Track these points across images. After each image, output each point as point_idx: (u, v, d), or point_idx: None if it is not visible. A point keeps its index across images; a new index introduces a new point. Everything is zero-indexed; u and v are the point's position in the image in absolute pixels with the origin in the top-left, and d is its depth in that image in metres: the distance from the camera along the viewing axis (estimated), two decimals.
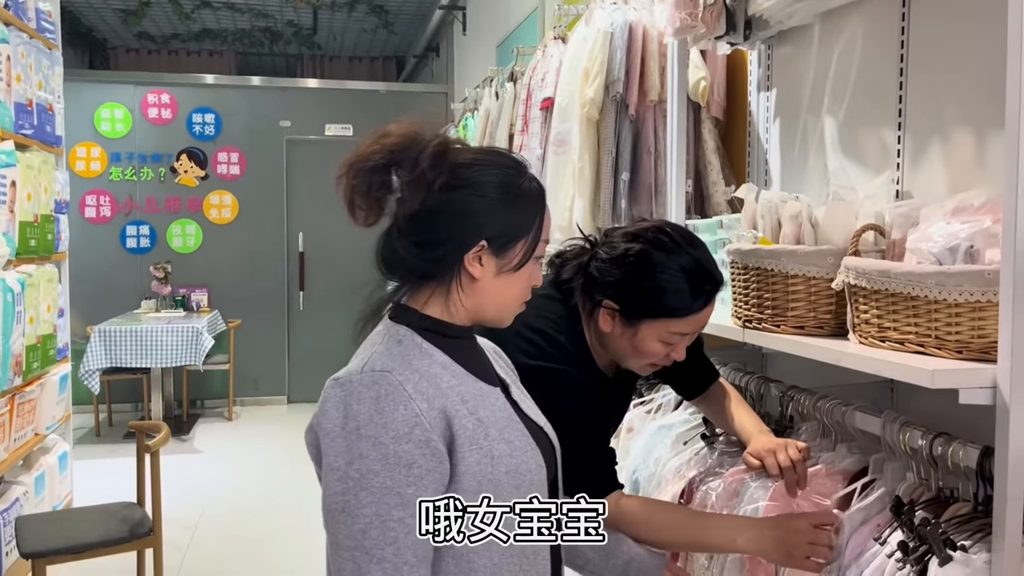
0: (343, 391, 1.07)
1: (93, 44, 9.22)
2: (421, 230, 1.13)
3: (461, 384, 1.14)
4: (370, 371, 1.08)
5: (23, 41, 3.61)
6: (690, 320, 1.48)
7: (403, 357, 1.11)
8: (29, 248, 3.63)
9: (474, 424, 1.11)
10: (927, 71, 1.70)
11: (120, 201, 7.00)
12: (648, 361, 1.53)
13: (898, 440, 1.40)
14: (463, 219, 1.14)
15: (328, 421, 1.07)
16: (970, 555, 1.20)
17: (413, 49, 9.13)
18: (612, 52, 2.40)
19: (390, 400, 1.05)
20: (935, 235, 1.38)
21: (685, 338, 1.50)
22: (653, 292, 1.46)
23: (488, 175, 1.16)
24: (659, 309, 1.46)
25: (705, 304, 1.48)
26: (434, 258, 1.15)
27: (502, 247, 1.16)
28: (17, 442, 3.56)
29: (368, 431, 1.04)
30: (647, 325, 1.47)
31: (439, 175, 1.12)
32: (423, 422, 1.05)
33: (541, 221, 1.20)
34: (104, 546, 2.73)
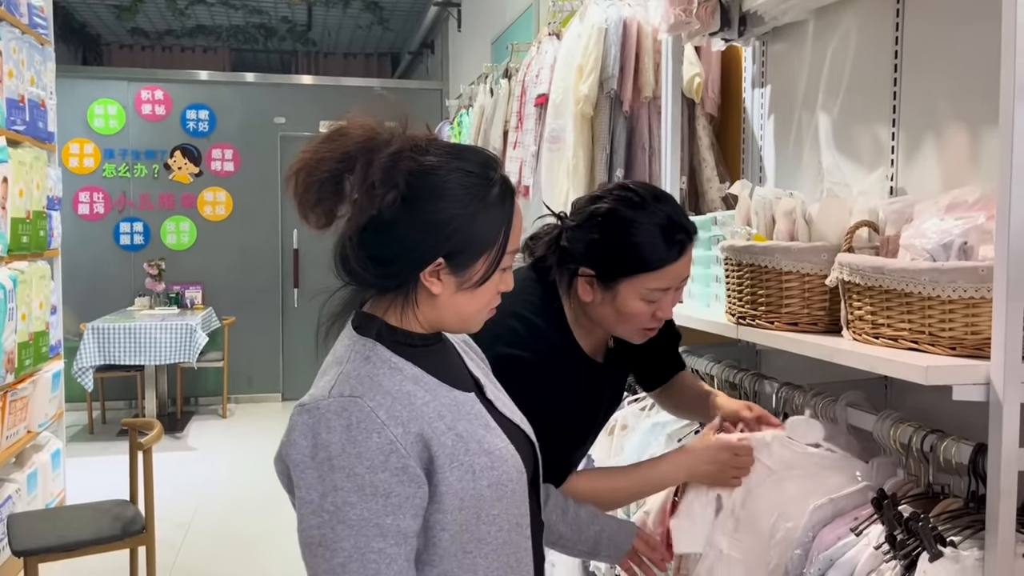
0: (311, 418, 1.01)
1: (87, 40, 9.18)
2: (372, 244, 1.06)
3: (435, 399, 1.08)
4: (338, 396, 1.02)
5: (15, 36, 3.59)
6: (666, 273, 1.44)
7: (372, 378, 1.05)
8: (21, 245, 3.62)
9: (453, 440, 1.05)
10: (921, 67, 1.70)
11: (113, 198, 6.97)
12: (636, 325, 1.48)
13: (888, 436, 1.40)
14: (417, 236, 1.05)
15: (297, 451, 1.01)
16: (960, 551, 1.20)
17: (408, 46, 9.11)
18: (607, 48, 2.40)
19: (362, 428, 1.00)
20: (929, 231, 1.37)
21: (667, 294, 1.46)
22: (625, 248, 1.43)
23: (449, 185, 1.06)
24: (633, 265, 1.43)
25: (679, 255, 1.44)
26: (387, 274, 1.08)
27: (461, 265, 1.08)
28: (9, 440, 3.54)
29: (341, 461, 0.99)
30: (625, 285, 1.44)
31: (390, 189, 1.03)
32: (399, 448, 1.00)
33: (508, 232, 1.11)
34: (96, 544, 2.72)
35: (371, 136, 1.06)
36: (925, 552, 1.20)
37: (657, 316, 1.47)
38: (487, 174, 1.10)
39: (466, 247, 1.07)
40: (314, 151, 1.06)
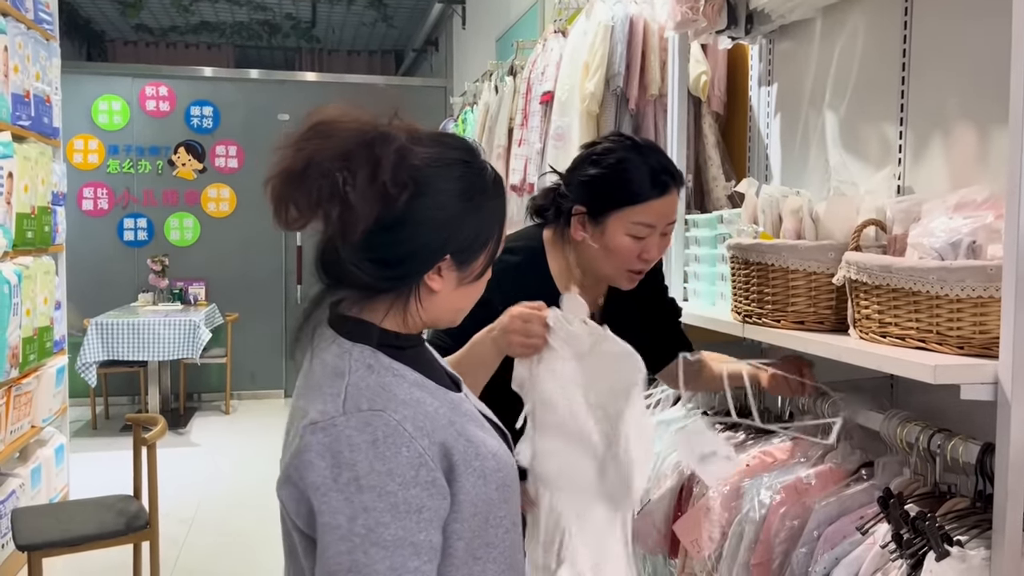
0: (327, 437, 0.94)
1: (91, 36, 9.19)
2: (378, 246, 0.99)
3: (441, 403, 1.04)
4: (357, 411, 0.95)
5: (20, 32, 3.59)
6: (651, 208, 1.55)
7: (384, 388, 0.99)
8: (26, 240, 3.62)
9: (464, 445, 1.02)
10: (930, 65, 1.69)
11: (118, 194, 6.98)
12: (622, 264, 1.59)
13: (895, 435, 1.39)
14: (427, 235, 1.01)
15: (315, 474, 0.94)
16: (967, 551, 1.19)
17: (412, 43, 9.11)
18: (613, 46, 2.39)
19: (390, 443, 0.94)
20: (937, 230, 1.37)
21: (653, 234, 1.57)
22: (615, 182, 1.56)
23: (449, 177, 1.02)
24: (621, 197, 1.55)
25: (662, 192, 1.56)
26: (392, 276, 1.02)
27: (465, 260, 1.05)
28: (13, 434, 3.55)
29: (370, 480, 0.92)
30: (613, 219, 1.56)
31: (403, 188, 0.97)
32: (427, 461, 0.96)
33: (504, 219, 1.09)
34: (100, 539, 2.73)
35: (370, 131, 0.99)
36: (932, 551, 1.20)
37: (643, 257, 1.58)
38: (479, 164, 1.07)
39: (471, 241, 1.05)
40: (296, 146, 0.98)
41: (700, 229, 2.20)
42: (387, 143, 0.98)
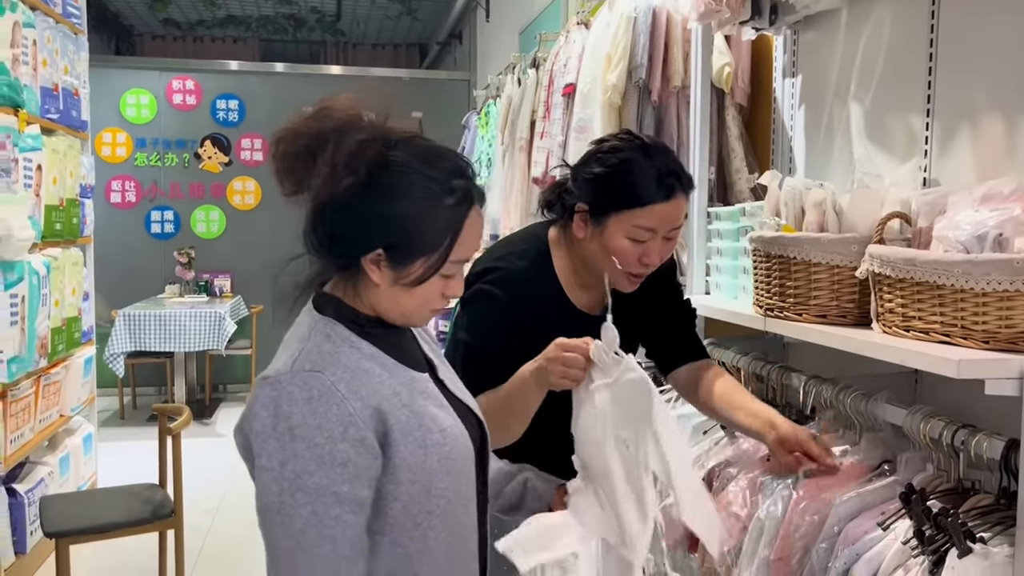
0: (273, 391, 1.06)
1: (120, 31, 9.29)
2: (325, 222, 1.11)
3: (392, 376, 1.13)
4: (300, 371, 1.07)
5: (49, 26, 3.63)
6: (654, 212, 1.50)
7: (332, 355, 1.09)
8: (54, 231, 3.67)
9: (407, 416, 1.10)
10: (957, 56, 1.67)
11: (145, 186, 7.05)
12: (622, 267, 1.53)
13: (918, 431, 1.38)
14: (363, 223, 1.10)
15: (259, 423, 1.05)
16: (990, 548, 1.18)
17: (436, 36, 9.11)
18: (635, 37, 2.37)
19: (323, 401, 1.04)
20: (963, 223, 1.35)
21: (654, 238, 1.52)
22: (618, 182, 1.52)
23: (404, 184, 1.10)
24: (623, 199, 1.51)
25: (667, 197, 1.51)
26: (334, 252, 1.14)
27: (399, 260, 1.11)
28: (42, 423, 3.60)
29: (302, 432, 1.03)
30: (613, 220, 1.52)
31: (349, 174, 1.08)
32: (357, 421, 1.05)
33: (452, 243, 1.13)
34: (126, 527, 2.77)
35: (349, 120, 1.10)
36: (954, 548, 1.18)
37: (643, 261, 1.53)
38: (448, 181, 1.12)
39: (406, 245, 1.11)
40: (296, 124, 1.11)
41: (722, 222, 2.18)
42: (355, 132, 1.09)
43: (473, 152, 4.88)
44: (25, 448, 3.39)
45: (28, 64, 3.36)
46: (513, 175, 3.57)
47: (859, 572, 1.29)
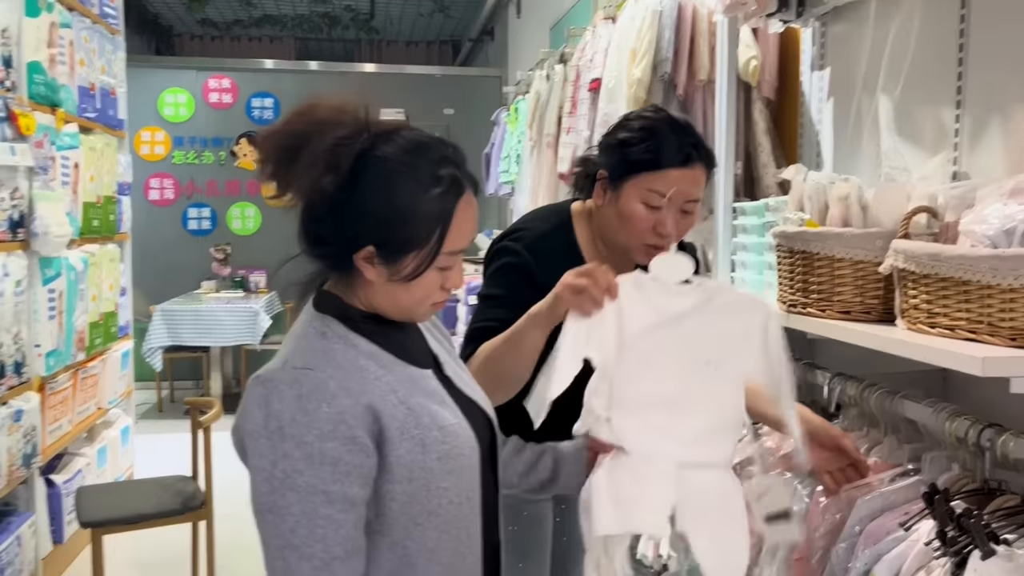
0: (264, 389, 1.05)
1: (159, 31, 9.44)
2: (312, 221, 1.10)
3: (389, 373, 1.10)
4: (291, 368, 1.06)
5: (86, 26, 3.70)
6: (668, 177, 1.50)
7: (325, 352, 1.08)
8: (92, 228, 3.75)
9: (404, 413, 1.08)
10: (988, 47, 1.63)
11: (182, 184, 7.17)
12: (636, 235, 1.53)
13: (944, 429, 1.35)
14: (348, 220, 1.08)
15: (251, 422, 1.04)
16: (1015, 550, 1.15)
17: (469, 33, 9.13)
18: (660, 31, 2.35)
19: (312, 398, 1.03)
20: (990, 217, 1.32)
21: (669, 207, 1.50)
22: (634, 143, 1.54)
23: (388, 178, 1.08)
24: (638, 160, 1.52)
25: (683, 163, 1.51)
26: (324, 252, 1.13)
27: (390, 256, 1.09)
28: (80, 415, 3.68)
29: (291, 430, 1.02)
30: (629, 184, 1.53)
31: (329, 171, 1.06)
32: (347, 419, 1.03)
33: (444, 234, 1.10)
34: (157, 517, 2.81)
35: (329, 117, 1.08)
36: (976, 550, 1.16)
37: (657, 230, 1.52)
38: (434, 171, 1.10)
39: (395, 240, 1.09)
40: (279, 124, 1.10)
41: (748, 217, 2.15)
42: (338, 129, 1.07)
43: (503, 148, 4.88)
44: (63, 440, 3.47)
45: (65, 64, 3.43)
46: (540, 171, 3.57)
47: (880, 573, 1.27)
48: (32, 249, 3.07)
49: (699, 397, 1.26)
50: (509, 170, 4.63)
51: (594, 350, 1.24)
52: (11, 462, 2.87)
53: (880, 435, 1.56)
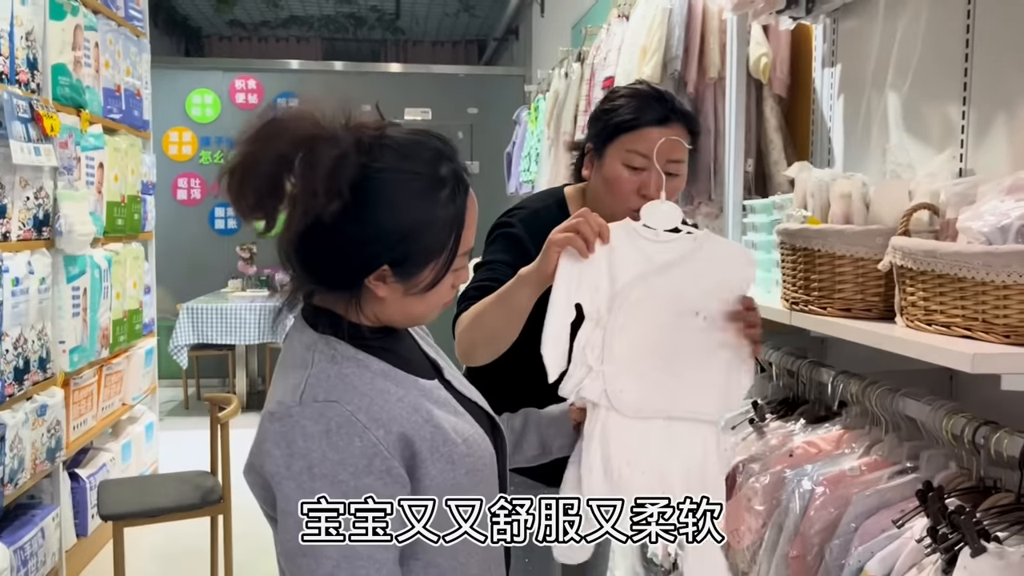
0: (283, 427, 0.96)
1: (188, 32, 9.57)
2: (311, 251, 1.00)
3: (407, 392, 1.04)
4: (312, 402, 0.97)
5: (111, 29, 3.77)
6: (646, 136, 1.54)
7: (343, 379, 1.00)
8: (116, 227, 3.82)
9: (431, 432, 1.02)
10: (995, 43, 1.61)
11: (210, 183, 7.26)
12: (622, 200, 1.55)
13: (941, 427, 1.34)
14: (358, 245, 1.00)
15: (271, 463, 0.96)
16: (1005, 547, 1.14)
17: (494, 32, 9.15)
18: (671, 29, 2.35)
19: (343, 433, 0.95)
20: (987, 214, 1.31)
21: (649, 166, 1.54)
22: (614, 110, 1.60)
23: (394, 192, 1.00)
24: (616, 125, 1.58)
25: (660, 122, 1.55)
26: (328, 279, 1.03)
27: (407, 272, 1.02)
28: (105, 411, 3.76)
29: (322, 469, 0.94)
30: (610, 150, 1.58)
31: (334, 197, 0.95)
32: (382, 451, 0.97)
33: (459, 237, 1.05)
34: (176, 511, 2.87)
35: (312, 134, 0.97)
36: (967, 547, 1.15)
37: (641, 193, 1.54)
38: (436, 173, 1.03)
39: (412, 256, 1.02)
40: (248, 150, 0.98)
41: (757, 215, 2.14)
42: (326, 148, 0.96)
43: (523, 147, 4.90)
44: (88, 435, 3.54)
45: (90, 66, 3.50)
46: (558, 169, 3.57)
47: (873, 569, 1.27)
48: (57, 247, 3.14)
49: (689, 349, 1.28)
50: (529, 168, 4.65)
51: (586, 294, 1.25)
52: (35, 456, 2.93)
53: (881, 433, 1.55)
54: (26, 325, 2.87)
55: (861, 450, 1.56)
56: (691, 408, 1.28)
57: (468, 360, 1.45)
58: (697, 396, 1.28)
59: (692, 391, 1.28)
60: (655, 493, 1.16)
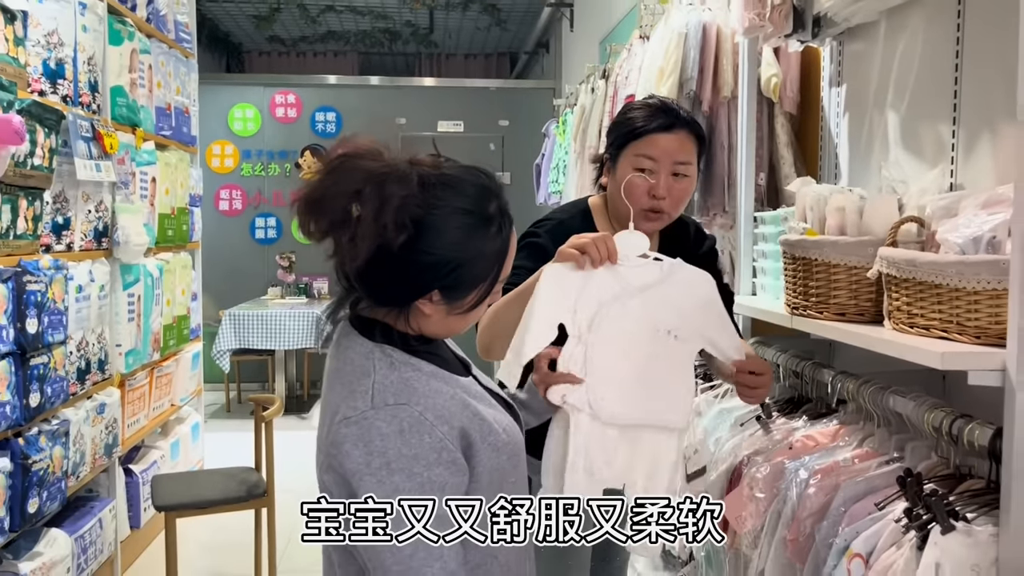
0: (360, 429, 1.09)
1: (230, 48, 9.89)
2: (372, 273, 1.13)
3: (454, 389, 1.17)
4: (384, 406, 1.10)
5: (163, 51, 4.01)
6: (653, 142, 1.70)
7: (405, 383, 1.13)
8: (167, 237, 4.04)
9: (480, 424, 1.16)
10: (981, 64, 1.74)
11: (250, 195, 7.53)
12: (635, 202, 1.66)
13: (923, 420, 1.47)
14: (414, 272, 1.12)
15: (351, 461, 1.08)
16: (973, 526, 1.27)
17: (524, 46, 9.33)
18: (686, 52, 2.50)
19: (415, 432, 1.08)
20: (963, 226, 1.44)
21: (659, 170, 1.69)
22: (624, 121, 1.77)
23: (449, 227, 1.12)
24: (626, 134, 1.74)
25: (665, 128, 1.71)
26: (383, 299, 1.17)
27: (454, 296, 1.16)
28: (155, 411, 3.98)
29: (399, 464, 1.07)
30: (623, 157, 1.74)
31: (401, 231, 1.09)
32: (447, 445, 1.10)
33: (501, 266, 1.18)
34: (224, 503, 3.06)
35: (382, 172, 1.10)
36: (937, 525, 1.28)
37: (652, 193, 1.69)
38: (486, 211, 1.16)
39: (461, 283, 1.15)
40: (324, 182, 1.11)
41: (767, 226, 2.28)
42: (397, 185, 1.09)
43: (552, 159, 5.06)
44: (140, 433, 3.76)
45: (144, 87, 3.73)
46: (583, 182, 3.73)
47: (857, 547, 1.40)
48: (114, 257, 3.36)
49: (661, 364, 1.43)
50: (557, 180, 4.81)
51: (567, 314, 1.39)
52: (95, 451, 3.15)
53: (873, 427, 1.69)
54: (88, 329, 3.09)
55: (855, 443, 1.70)
56: (661, 417, 1.43)
57: (488, 354, 1.61)
58: (667, 406, 1.43)
59: (663, 402, 1.43)
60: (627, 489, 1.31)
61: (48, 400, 2.72)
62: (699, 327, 1.47)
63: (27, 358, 2.59)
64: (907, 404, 1.55)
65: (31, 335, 2.57)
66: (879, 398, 1.64)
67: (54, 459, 2.74)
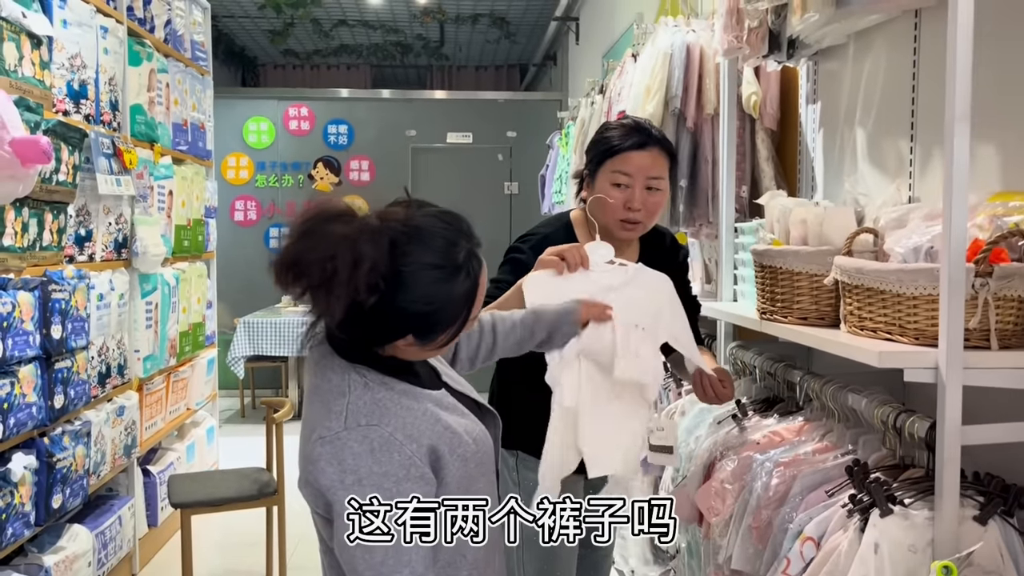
0: (333, 448, 1.17)
1: (245, 62, 10.12)
2: (348, 324, 1.19)
3: (425, 405, 1.25)
4: (356, 426, 1.17)
5: (180, 70, 4.19)
6: (627, 159, 1.85)
7: (377, 404, 1.20)
8: (183, 248, 4.22)
9: (449, 437, 1.24)
10: (935, 83, 1.87)
11: (264, 206, 7.72)
12: (612, 214, 1.84)
13: (873, 414, 1.60)
14: (388, 322, 1.19)
15: (326, 478, 1.16)
16: (910, 510, 1.40)
17: (533, 58, 9.50)
18: (671, 71, 2.64)
19: (385, 451, 1.17)
20: (906, 237, 1.57)
21: (634, 185, 1.84)
22: (601, 140, 1.92)
23: (419, 282, 1.17)
24: (603, 151, 1.88)
25: (638, 147, 1.85)
26: (360, 343, 1.23)
27: (427, 339, 1.23)
28: (172, 414, 4.14)
29: (370, 480, 1.15)
30: (600, 173, 1.89)
31: (372, 292, 1.14)
32: (416, 461, 1.19)
33: (471, 305, 1.24)
34: (236, 501, 3.21)
35: (353, 235, 1.14)
36: (877, 509, 1.41)
37: (627, 206, 1.85)
38: (456, 260, 1.20)
39: (433, 327, 1.22)
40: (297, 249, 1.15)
41: (746, 236, 2.41)
42: (368, 246, 1.14)
43: (555, 170, 5.20)
44: (157, 435, 3.92)
45: (162, 104, 3.91)
46: None
47: (809, 531, 1.53)
48: (133, 267, 3.53)
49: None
50: (560, 190, 4.95)
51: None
52: (114, 451, 3.31)
53: (833, 423, 1.82)
54: (108, 335, 3.26)
55: (816, 437, 1.82)
56: (634, 395, 1.65)
57: None
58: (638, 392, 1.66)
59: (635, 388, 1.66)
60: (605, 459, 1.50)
61: (71, 402, 2.88)
62: (662, 322, 1.69)
63: (52, 362, 2.75)
64: (860, 400, 1.68)
65: (56, 341, 2.73)
66: (838, 396, 1.77)
67: (77, 458, 2.90)
